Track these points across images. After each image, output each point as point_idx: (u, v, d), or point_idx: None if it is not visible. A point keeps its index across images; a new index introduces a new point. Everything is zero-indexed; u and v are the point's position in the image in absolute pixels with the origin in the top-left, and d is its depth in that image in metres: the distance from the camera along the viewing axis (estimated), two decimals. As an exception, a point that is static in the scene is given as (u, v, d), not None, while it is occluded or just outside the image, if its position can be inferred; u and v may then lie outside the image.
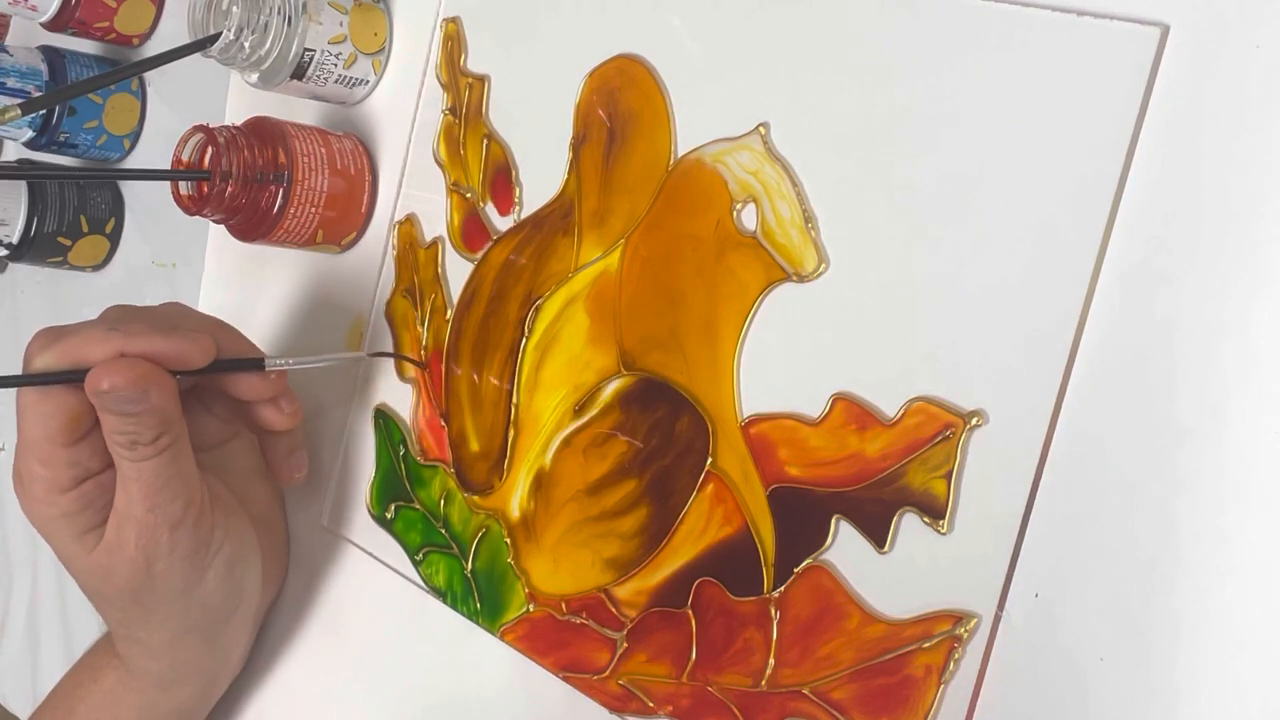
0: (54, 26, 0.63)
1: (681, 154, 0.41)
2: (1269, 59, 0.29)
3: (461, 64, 0.48)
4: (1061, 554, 0.32)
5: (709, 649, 0.38)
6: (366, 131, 0.52)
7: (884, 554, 0.35)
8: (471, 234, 0.47)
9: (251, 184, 0.47)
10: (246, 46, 0.48)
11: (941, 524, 0.34)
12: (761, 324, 0.38)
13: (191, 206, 0.48)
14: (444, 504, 0.47)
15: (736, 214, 0.39)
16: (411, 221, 0.50)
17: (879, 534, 0.35)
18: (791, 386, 0.37)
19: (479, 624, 0.45)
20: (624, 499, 0.41)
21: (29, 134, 0.63)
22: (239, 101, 0.58)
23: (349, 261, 0.53)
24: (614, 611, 0.41)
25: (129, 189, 0.67)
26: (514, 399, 0.44)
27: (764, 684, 0.37)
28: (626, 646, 0.40)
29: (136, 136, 0.67)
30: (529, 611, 0.43)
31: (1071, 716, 0.31)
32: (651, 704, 0.40)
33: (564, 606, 0.42)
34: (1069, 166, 0.32)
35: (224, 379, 0.45)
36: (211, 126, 0.48)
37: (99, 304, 0.68)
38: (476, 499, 0.46)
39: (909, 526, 0.34)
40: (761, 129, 0.38)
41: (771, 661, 0.37)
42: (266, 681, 0.54)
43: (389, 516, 0.49)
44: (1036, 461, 0.32)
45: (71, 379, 0.40)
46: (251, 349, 0.46)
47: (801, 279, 0.37)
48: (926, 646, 0.33)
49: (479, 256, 0.47)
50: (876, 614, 0.35)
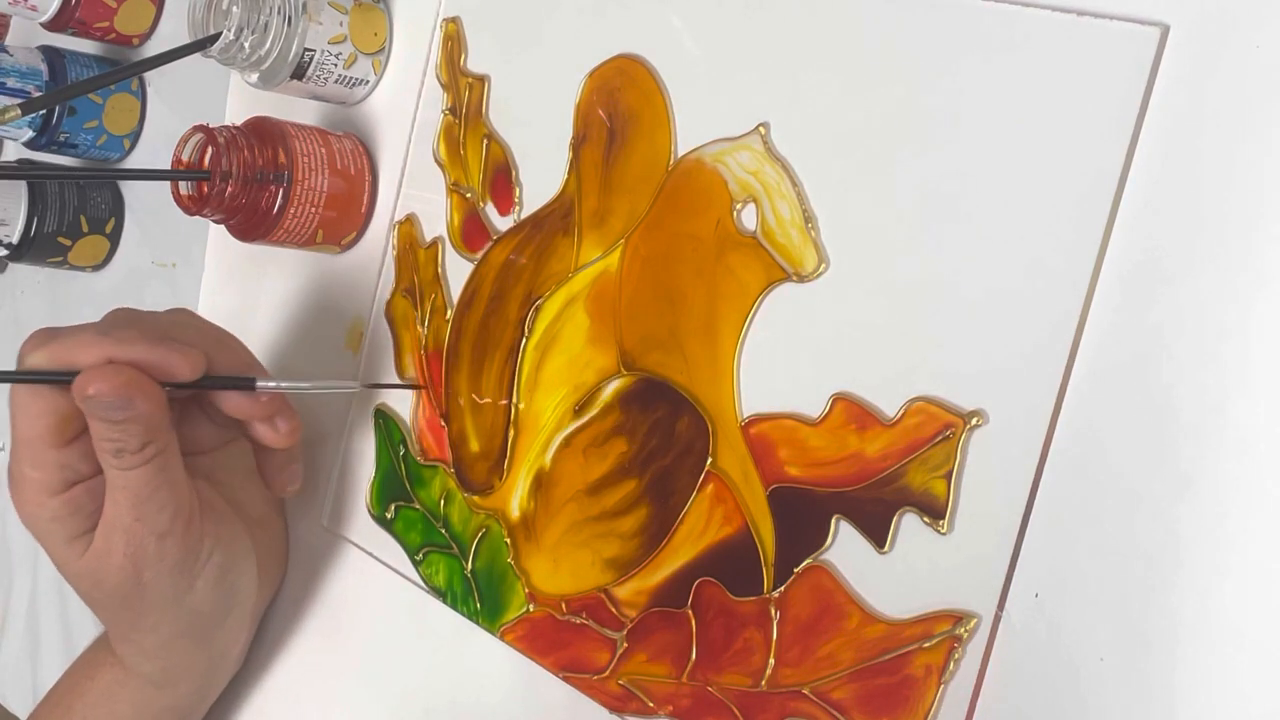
0: (54, 26, 0.63)
1: (681, 154, 0.41)
2: (1269, 59, 0.29)
3: (461, 64, 0.48)
4: (1061, 554, 0.32)
5: (709, 649, 0.38)
6: (366, 131, 0.52)
7: (884, 554, 0.35)
8: (471, 234, 0.47)
9: (251, 184, 0.47)
10: (246, 46, 0.48)
11: (941, 524, 0.34)
12: (761, 324, 0.38)
13: (191, 206, 0.48)
14: (444, 504, 0.47)
15: (736, 214, 0.39)
16: (411, 221, 0.50)
17: (879, 534, 0.35)
18: (791, 386, 0.37)
19: (479, 624, 0.45)
20: (624, 499, 0.41)
21: (29, 134, 0.63)
22: (239, 101, 0.58)
23: (349, 261, 0.53)
24: (614, 611, 0.41)
25: (129, 189, 0.67)
26: (514, 399, 0.44)
27: (764, 684, 0.37)
28: (626, 646, 0.40)
29: (136, 136, 0.67)
30: (529, 611, 0.43)
31: (1071, 716, 0.31)
32: (651, 704, 0.40)
33: (564, 606, 0.42)
34: (1069, 166, 0.32)
35: (215, 395, 0.45)
36: (211, 126, 0.48)
37: (99, 304, 0.68)
38: (476, 499, 0.46)
39: (909, 526, 0.34)
40: (761, 129, 0.38)
41: (771, 661, 0.37)
42: (266, 681, 0.54)
43: (389, 516, 0.49)
44: (1036, 461, 0.32)
45: (59, 380, 0.40)
46: (251, 365, 0.46)
47: (801, 279, 0.37)
48: (926, 646, 0.33)
49: (479, 256, 0.47)
50: (876, 614, 0.35)
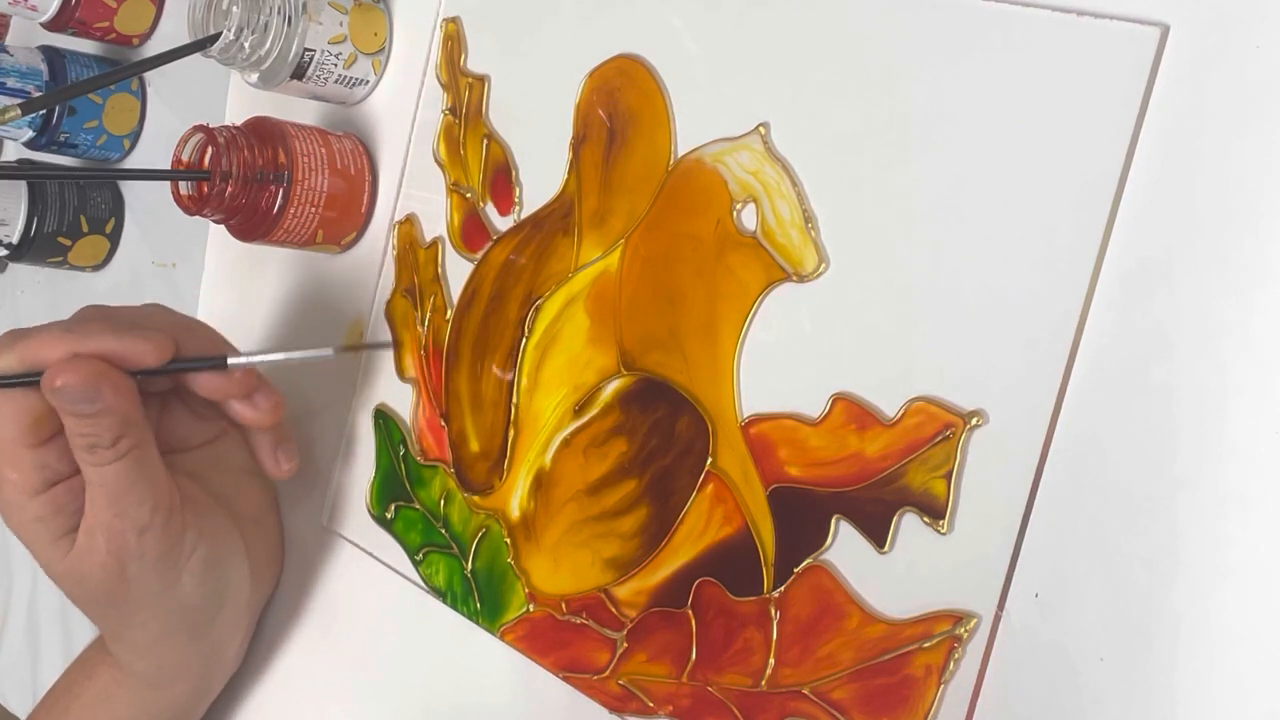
0: (54, 26, 0.63)
1: (681, 154, 0.41)
2: (1269, 59, 0.29)
3: (461, 64, 0.48)
4: (1061, 554, 0.32)
5: (709, 649, 0.38)
6: (366, 131, 0.52)
7: (884, 554, 0.35)
8: (471, 234, 0.47)
9: (251, 184, 0.47)
10: (246, 46, 0.48)
11: (941, 524, 0.34)
12: (761, 324, 0.38)
13: (191, 206, 0.48)
14: (444, 504, 0.47)
15: (736, 214, 0.39)
16: (411, 221, 0.50)
17: (879, 534, 0.35)
18: (791, 386, 0.37)
19: (479, 624, 0.45)
20: (624, 499, 0.41)
21: (29, 134, 0.63)
22: (239, 101, 0.58)
23: (349, 261, 0.53)
24: (614, 611, 0.41)
25: (129, 189, 0.67)
26: (514, 399, 0.44)
27: (764, 684, 0.37)
28: (626, 646, 0.40)
29: (136, 136, 0.67)
30: (529, 611, 0.43)
31: (1071, 716, 0.31)
32: (651, 704, 0.40)
33: (564, 606, 0.42)
34: (1069, 166, 0.32)
35: (190, 379, 0.44)
36: (211, 126, 0.48)
37: (99, 304, 0.68)
38: (476, 499, 0.46)
39: (909, 526, 0.34)
40: (761, 129, 0.38)
41: (771, 661, 0.37)
42: (266, 681, 0.54)
43: (389, 516, 0.49)
44: (1036, 461, 0.32)
45: (28, 381, 0.40)
46: (222, 347, 0.46)
47: (801, 279, 0.37)
48: (926, 646, 0.33)
49: (479, 256, 0.47)
50: (876, 614, 0.35)
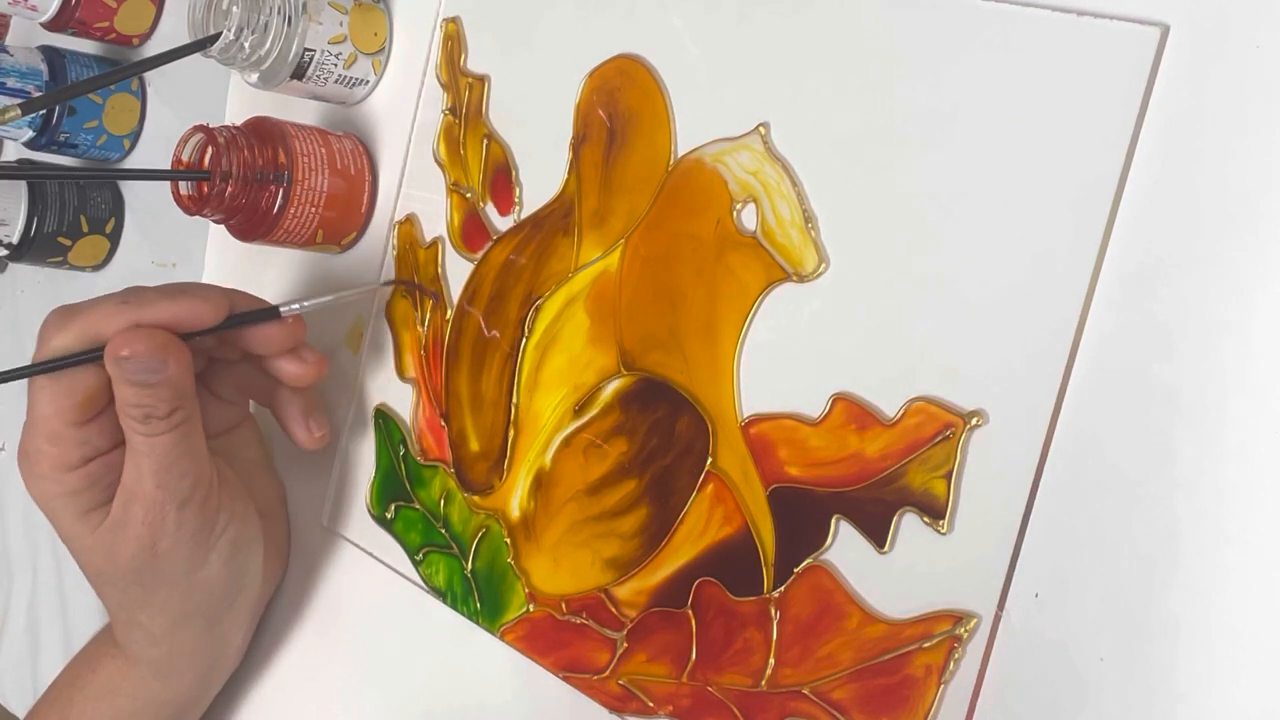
0: (54, 26, 0.63)
1: (681, 154, 0.41)
2: (1269, 59, 0.29)
3: (461, 64, 0.48)
4: (1061, 554, 0.32)
5: (709, 649, 0.38)
6: (366, 131, 0.52)
7: (884, 554, 0.35)
8: (471, 234, 0.47)
9: (251, 184, 0.47)
10: (246, 46, 0.48)
11: (941, 524, 0.34)
12: (761, 324, 0.38)
13: (191, 206, 0.48)
14: (444, 504, 0.47)
15: (736, 214, 0.39)
16: (411, 221, 0.50)
17: (879, 534, 0.35)
18: (791, 386, 0.37)
19: (479, 624, 0.45)
20: (624, 499, 0.41)
21: (29, 134, 0.63)
22: (239, 101, 0.58)
23: (349, 261, 0.53)
24: (614, 611, 0.41)
25: (129, 189, 0.67)
26: (514, 399, 0.44)
27: (764, 684, 0.37)
28: (626, 646, 0.40)
29: (136, 136, 0.67)
30: (529, 611, 0.43)
31: (1071, 716, 0.31)
32: (651, 704, 0.40)
33: (564, 606, 0.42)
34: (1069, 166, 0.32)
35: (244, 336, 0.44)
36: (211, 126, 0.48)
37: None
38: (476, 499, 0.46)
39: (909, 526, 0.34)
40: (761, 129, 0.38)
41: (771, 661, 0.37)
42: (266, 681, 0.54)
43: (389, 516, 0.49)
44: (1036, 461, 0.32)
45: (88, 359, 0.40)
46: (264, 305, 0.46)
47: (801, 279, 0.37)
48: (926, 646, 0.33)
49: (479, 256, 0.47)
50: (876, 614, 0.35)
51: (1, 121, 0.44)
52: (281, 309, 0.44)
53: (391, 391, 0.50)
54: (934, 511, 0.34)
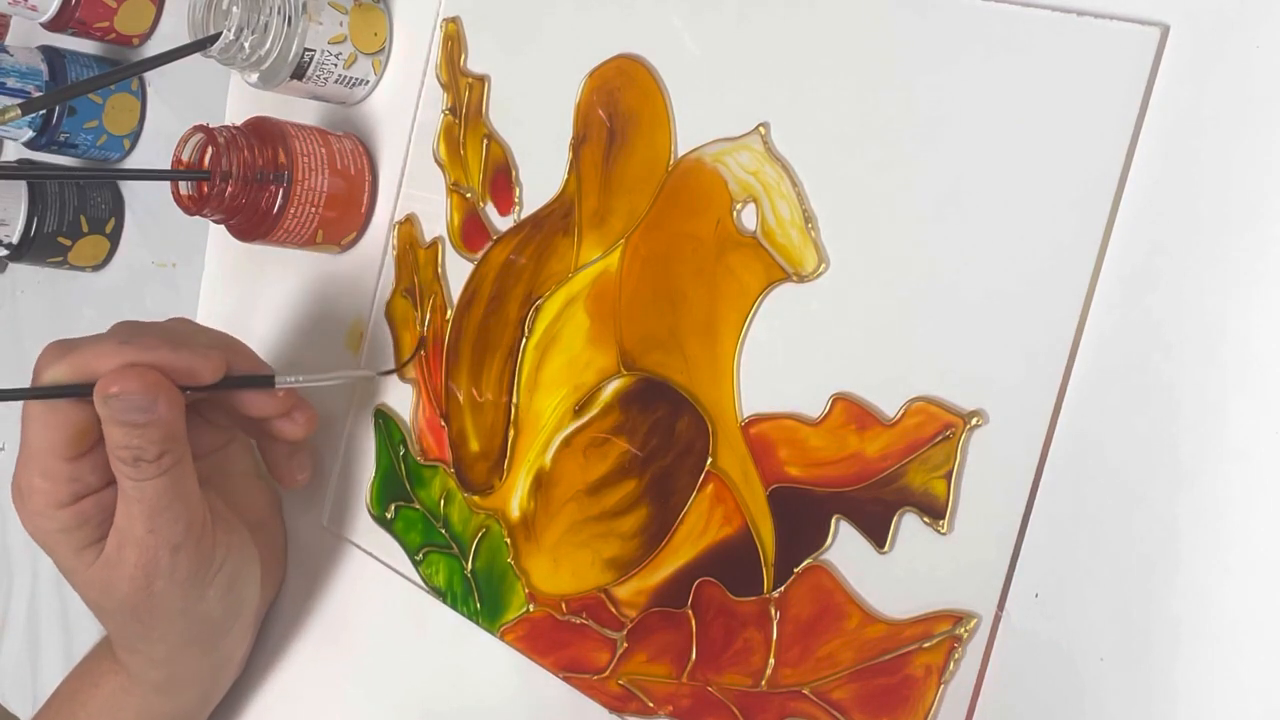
0: (54, 26, 0.63)
1: (681, 154, 0.41)
2: (1269, 59, 0.29)
3: (461, 64, 0.48)
4: (1061, 554, 0.32)
5: (709, 649, 0.38)
6: (366, 131, 0.52)
7: (884, 554, 0.35)
8: (471, 234, 0.47)
9: (251, 184, 0.47)
10: (246, 46, 0.48)
11: (941, 524, 0.34)
12: (761, 324, 0.38)
13: (191, 206, 0.48)
14: (444, 504, 0.47)
15: (736, 214, 0.39)
16: (411, 221, 0.50)
17: (879, 534, 0.35)
18: (791, 386, 0.37)
19: (479, 624, 0.45)
20: (624, 499, 0.41)
21: (29, 134, 0.63)
22: (239, 101, 0.58)
23: (349, 261, 0.53)
24: (614, 611, 0.41)
25: (129, 189, 0.67)
26: (514, 399, 0.44)
27: (764, 684, 0.37)
28: (626, 646, 0.40)
29: (136, 136, 0.67)
30: (529, 611, 0.43)
31: (1071, 716, 0.31)
32: (651, 704, 0.40)
33: (564, 606, 0.42)
34: (1069, 166, 0.32)
35: (235, 397, 0.45)
36: (211, 126, 0.48)
37: (99, 304, 0.68)
38: (476, 499, 0.46)
39: (909, 526, 0.34)
40: (761, 129, 0.38)
41: (771, 661, 0.37)
42: (267, 682, 0.54)
43: (389, 517, 0.49)
44: (1036, 461, 0.32)
45: (80, 392, 0.40)
46: (260, 365, 0.46)
47: (801, 279, 0.37)
48: (926, 646, 0.33)
49: (479, 256, 0.47)
50: (876, 614, 0.35)
51: (1, 121, 0.44)
52: (276, 380, 0.44)
53: (392, 392, 0.50)
54: (934, 511, 0.34)
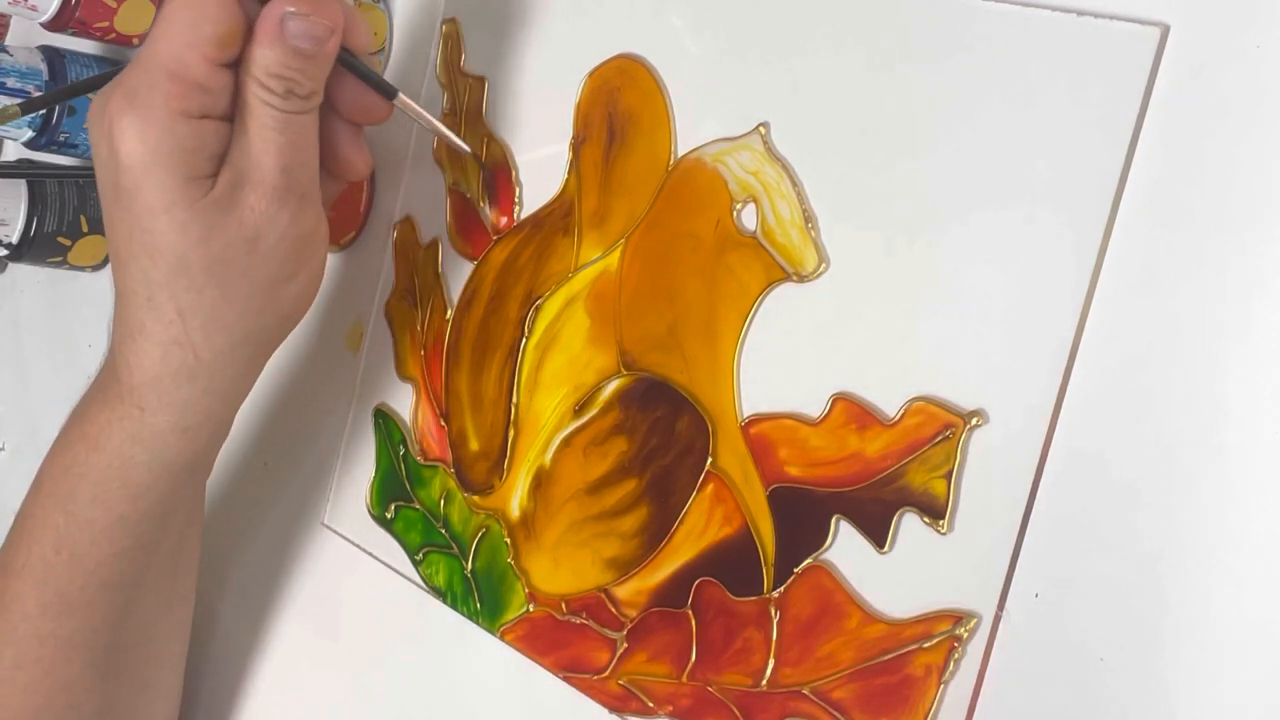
0: (54, 26, 0.63)
1: (681, 154, 0.41)
2: (1269, 59, 0.29)
3: (460, 64, 0.48)
4: (1061, 554, 0.32)
5: (709, 649, 0.38)
6: (366, 131, 0.52)
7: (884, 554, 0.35)
8: (471, 234, 0.47)
9: (251, 184, 0.47)
10: (246, 46, 0.48)
11: (941, 524, 0.34)
12: (761, 324, 0.38)
13: (191, 206, 0.48)
14: (444, 504, 0.47)
15: (736, 214, 0.39)
16: (411, 221, 0.50)
17: (879, 534, 0.35)
18: (791, 386, 0.37)
19: (479, 624, 0.45)
20: (624, 499, 0.41)
21: (29, 134, 0.63)
22: (239, 101, 0.58)
23: (349, 261, 0.53)
24: (614, 611, 0.41)
25: (129, 189, 0.67)
26: (514, 399, 0.44)
27: (764, 684, 0.37)
28: (626, 646, 0.40)
29: (136, 136, 0.67)
30: (529, 611, 0.43)
31: (1071, 716, 0.31)
32: (651, 704, 0.40)
33: (564, 606, 0.42)
34: (1069, 166, 0.32)
35: (351, 90, 0.40)
36: (211, 126, 0.48)
37: (99, 304, 0.68)
38: (476, 499, 0.46)
39: (909, 526, 0.34)
40: (761, 129, 0.38)
41: (771, 661, 0.37)
42: (265, 682, 0.54)
43: (389, 516, 0.49)
44: (1036, 461, 0.32)
45: None
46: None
47: (801, 279, 0.37)
48: (927, 646, 0.33)
49: (479, 257, 0.47)
50: (876, 614, 0.35)
51: (1, 121, 0.44)
52: (398, 97, 0.41)
53: (391, 391, 0.50)
54: (934, 511, 0.34)
